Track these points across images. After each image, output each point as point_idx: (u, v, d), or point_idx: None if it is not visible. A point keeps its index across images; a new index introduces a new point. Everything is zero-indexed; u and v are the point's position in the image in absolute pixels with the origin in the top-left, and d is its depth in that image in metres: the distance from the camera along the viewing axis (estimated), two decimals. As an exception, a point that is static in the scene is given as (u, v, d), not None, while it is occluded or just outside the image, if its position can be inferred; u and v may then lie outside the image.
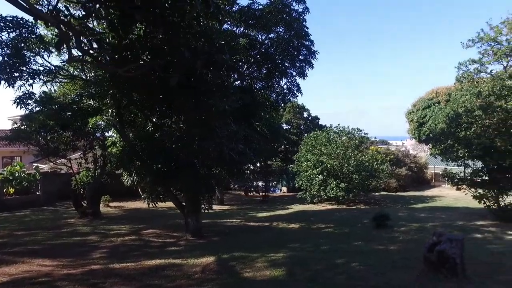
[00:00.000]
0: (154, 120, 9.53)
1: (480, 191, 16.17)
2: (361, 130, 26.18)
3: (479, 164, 16.74)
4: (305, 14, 15.02)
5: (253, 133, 15.17)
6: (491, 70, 15.28)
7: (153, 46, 4.86)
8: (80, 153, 19.57)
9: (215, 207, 26.05)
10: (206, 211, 14.39)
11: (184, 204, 13.67)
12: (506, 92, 13.99)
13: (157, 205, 14.82)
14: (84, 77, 14.74)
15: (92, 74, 13.46)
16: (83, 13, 5.06)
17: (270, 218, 19.28)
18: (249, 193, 32.20)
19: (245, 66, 15.67)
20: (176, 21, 4.77)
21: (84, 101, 14.86)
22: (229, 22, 14.91)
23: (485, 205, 16.14)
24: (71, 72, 14.78)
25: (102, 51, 4.93)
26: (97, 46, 4.88)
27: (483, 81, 15.03)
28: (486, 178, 16.33)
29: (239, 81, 16.08)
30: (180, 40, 4.76)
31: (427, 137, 29.78)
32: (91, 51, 5.15)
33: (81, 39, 4.73)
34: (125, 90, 5.78)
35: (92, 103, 14.21)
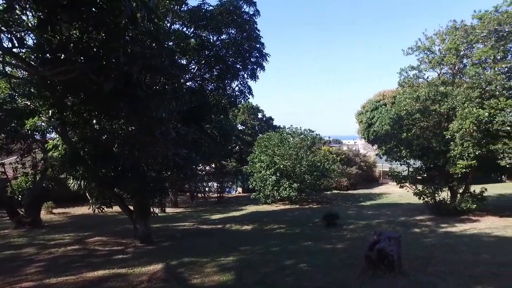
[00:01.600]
0: (96, 123, 9.03)
1: (420, 188, 17.40)
2: (313, 131, 27.00)
3: (419, 163, 18.02)
4: (256, 17, 15.08)
5: (203, 136, 14.98)
6: (427, 77, 16.49)
7: (86, 49, 4.56)
8: (15, 157, 17.98)
9: (168, 210, 25.38)
10: (155, 215, 13.94)
11: (132, 209, 13.14)
12: (440, 97, 15.19)
13: (104, 210, 14.07)
14: (18, 75, 13.55)
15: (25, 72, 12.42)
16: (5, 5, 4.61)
17: (223, 220, 19.19)
18: (194, 198, 31.44)
19: (196, 67, 15.39)
20: (110, 22, 4.51)
21: (19, 100, 13.68)
22: (179, 23, 14.56)
23: (423, 201, 17.41)
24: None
25: (26, 51, 4.51)
26: (18, 45, 4.45)
27: (421, 86, 16.15)
28: (425, 176, 17.63)
29: (190, 82, 15.77)
30: (116, 43, 4.51)
31: (375, 138, 31.48)
32: (14, 50, 4.70)
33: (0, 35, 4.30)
34: (58, 93, 5.37)
35: (29, 103, 13.12)
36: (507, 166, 14.26)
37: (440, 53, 15.64)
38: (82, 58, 4.66)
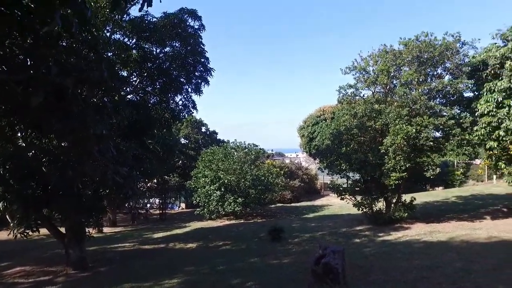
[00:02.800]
0: (21, 138, 8.09)
1: (359, 199, 18.37)
2: (257, 145, 27.31)
3: (358, 176, 19.07)
4: (201, 31, 15.03)
5: (145, 151, 14.28)
6: (363, 95, 17.69)
7: (8, 57, 4.03)
8: None
9: (106, 229, 23.58)
10: (91, 237, 12.80)
11: (63, 231, 11.93)
12: (375, 114, 16.40)
13: (29, 235, 12.52)
14: None
15: None
16: None
17: (166, 239, 18.31)
18: (135, 219, 29.02)
19: (138, 80, 14.76)
20: (40, 29, 4.07)
21: None
22: (120, 33, 13.90)
23: (362, 211, 18.38)
24: None
25: None
26: None
27: (358, 103, 17.25)
28: (363, 187, 18.69)
29: (131, 95, 15.05)
30: (45, 51, 4.06)
31: (316, 151, 32.86)
32: None
33: None
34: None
35: None
36: (431, 177, 15.85)
37: (374, 74, 16.96)
38: (3, 67, 4.11)
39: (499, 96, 14.97)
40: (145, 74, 14.39)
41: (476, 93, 16.56)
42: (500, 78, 15.22)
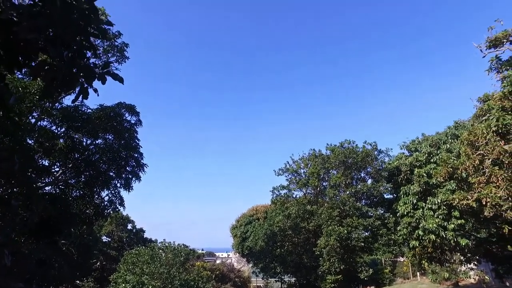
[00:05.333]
0: None
1: (294, 306, 17.28)
2: (187, 246, 25.36)
3: (293, 279, 18.32)
4: (138, 126, 14.86)
5: (54, 254, 12.13)
6: (296, 195, 18.28)
7: None
8: None
9: None
10: None
11: None
12: (307, 215, 16.79)
13: None
14: None
15: None
16: None
17: None
18: None
19: (61, 171, 13.42)
20: None
21: None
22: (49, 120, 13.06)
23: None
24: None
25: None
26: None
27: (291, 204, 17.64)
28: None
29: (50, 187, 13.43)
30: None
31: (249, 252, 31.55)
32: None
33: None
34: None
35: None
36: (365, 278, 15.87)
37: (305, 176, 17.94)
38: None
39: (413, 198, 16.58)
40: (70, 165, 13.19)
41: (395, 195, 18.20)
42: (412, 183, 17.11)
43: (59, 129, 12.96)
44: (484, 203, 10.67)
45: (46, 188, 13.41)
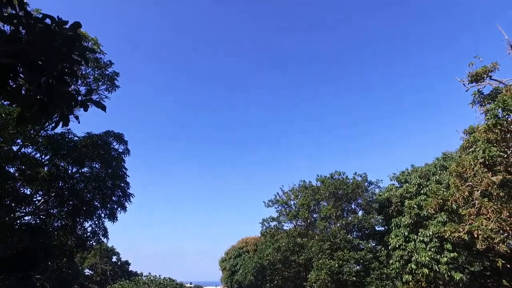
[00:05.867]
0: None
1: None
2: (174, 280, 24.39)
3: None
4: (126, 155, 14.64)
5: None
6: (286, 228, 17.90)
7: None
8: None
9: None
10: None
11: None
12: (298, 248, 16.31)
13: None
14: None
15: None
16: None
17: None
18: None
19: (43, 200, 12.94)
20: None
21: None
22: (33, 147, 12.77)
23: None
24: None
25: None
26: None
27: (281, 237, 17.20)
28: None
29: (29, 217, 12.88)
30: None
31: (239, 286, 30.30)
32: None
33: None
34: None
35: None
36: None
37: (295, 207, 17.64)
38: None
39: (405, 230, 16.31)
40: (53, 194, 12.75)
41: (386, 227, 17.91)
42: (403, 215, 16.90)
43: (43, 156, 12.66)
44: (475, 235, 10.52)
45: (26, 218, 12.89)
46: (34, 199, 13.29)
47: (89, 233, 13.83)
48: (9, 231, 8.62)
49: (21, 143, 11.72)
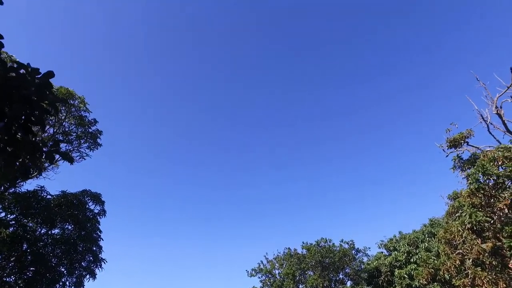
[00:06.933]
0: None
1: None
2: None
3: None
4: (102, 216, 13.84)
5: None
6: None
7: None
8: None
9: None
10: None
11: None
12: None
13: None
14: None
15: None
16: None
17: None
18: None
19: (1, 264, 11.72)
20: None
21: None
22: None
23: None
24: None
25: None
26: None
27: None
28: None
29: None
30: None
31: None
32: None
33: None
34: None
35: None
36: None
37: (280, 277, 16.48)
38: None
39: (398, 306, 15.21)
40: (13, 259, 11.59)
41: (377, 302, 16.71)
42: (393, 285, 15.92)
43: (9, 215, 11.79)
44: (473, 309, 9.79)
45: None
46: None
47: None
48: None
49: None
